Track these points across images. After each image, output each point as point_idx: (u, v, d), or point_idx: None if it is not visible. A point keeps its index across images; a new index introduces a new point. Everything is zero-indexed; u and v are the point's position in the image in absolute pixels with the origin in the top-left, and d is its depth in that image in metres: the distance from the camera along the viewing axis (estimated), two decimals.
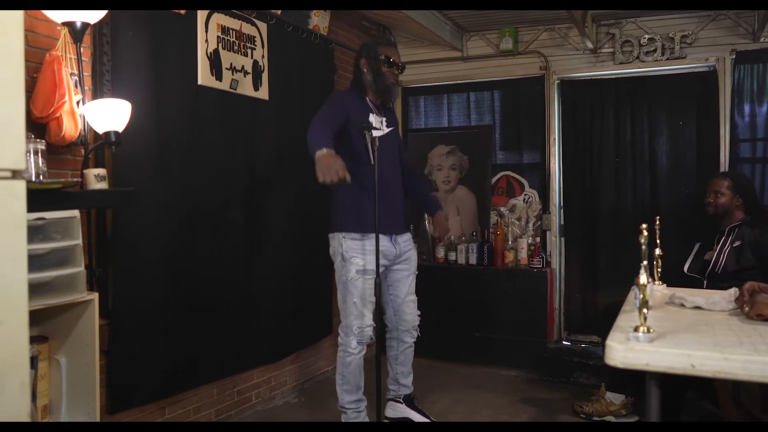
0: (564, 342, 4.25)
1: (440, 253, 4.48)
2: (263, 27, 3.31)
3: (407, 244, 3.01)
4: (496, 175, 4.57)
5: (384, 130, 2.92)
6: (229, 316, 3.10)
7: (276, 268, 3.40)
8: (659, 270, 2.31)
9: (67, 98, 2.17)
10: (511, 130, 4.57)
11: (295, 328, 3.57)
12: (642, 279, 1.43)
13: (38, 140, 2.03)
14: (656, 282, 2.29)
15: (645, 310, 1.43)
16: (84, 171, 2.26)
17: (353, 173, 2.77)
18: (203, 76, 2.94)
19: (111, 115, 2.25)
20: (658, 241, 2.28)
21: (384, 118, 2.96)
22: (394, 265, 2.95)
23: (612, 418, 3.18)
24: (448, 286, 4.35)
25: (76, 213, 2.02)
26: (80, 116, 2.28)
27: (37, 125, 2.18)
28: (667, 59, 4.01)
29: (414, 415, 3.05)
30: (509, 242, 4.35)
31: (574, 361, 3.87)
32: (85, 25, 2.21)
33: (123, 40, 2.55)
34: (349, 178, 2.43)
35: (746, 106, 3.89)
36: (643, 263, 1.47)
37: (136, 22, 2.60)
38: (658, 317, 1.74)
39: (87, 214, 2.43)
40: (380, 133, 2.84)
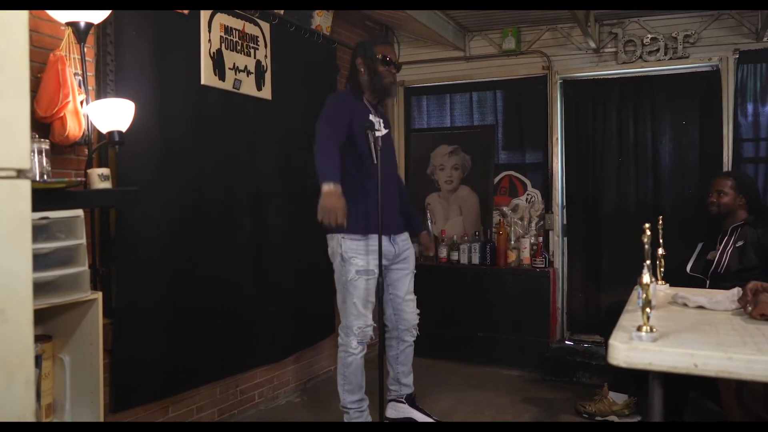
0: (567, 342, 4.24)
1: (443, 252, 4.48)
2: (266, 27, 3.32)
3: (405, 243, 3.01)
4: (498, 175, 4.56)
5: (382, 131, 2.92)
6: (231, 316, 3.10)
7: (278, 268, 3.41)
8: (662, 270, 2.31)
9: (70, 98, 2.18)
10: (513, 130, 4.57)
11: (298, 327, 3.58)
12: (645, 278, 1.43)
13: (42, 140, 2.04)
14: (659, 282, 2.29)
15: (648, 310, 1.43)
16: (88, 170, 2.26)
17: (355, 173, 2.79)
18: (206, 76, 2.95)
19: (114, 114, 2.26)
20: (660, 241, 2.28)
21: (380, 119, 2.96)
22: (393, 264, 2.96)
23: (615, 417, 3.18)
24: (450, 285, 4.36)
25: (79, 212, 2.03)
26: (84, 116, 2.29)
27: (41, 125, 2.19)
28: (670, 59, 4.00)
29: (417, 414, 3.05)
30: (512, 242, 4.35)
31: (577, 360, 3.87)
32: (89, 25, 2.21)
33: (126, 40, 2.56)
34: (345, 224, 2.53)
35: (749, 106, 3.88)
36: (646, 263, 1.47)
37: (140, 23, 2.61)
38: (661, 317, 1.73)
39: (91, 213, 2.44)
40: (380, 133, 2.84)
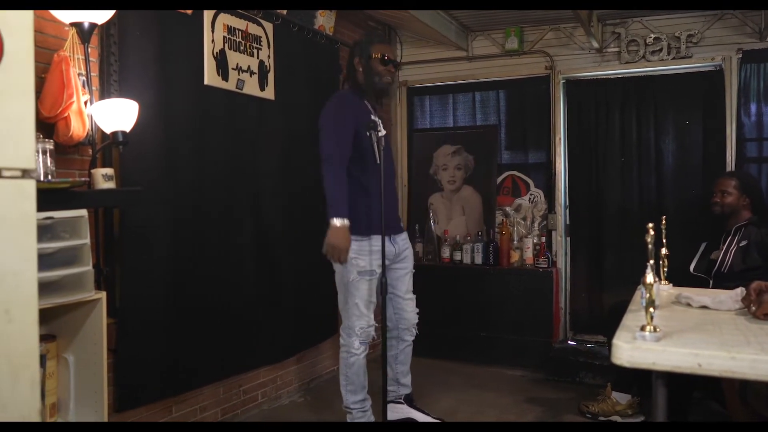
0: (570, 342, 4.23)
1: (446, 252, 4.48)
2: (269, 27, 3.32)
3: (405, 243, 3.03)
4: (501, 175, 4.56)
5: (382, 131, 2.92)
6: (234, 316, 3.10)
7: (280, 268, 3.41)
8: (665, 270, 2.31)
9: (75, 98, 2.18)
10: (516, 130, 4.56)
11: (300, 327, 3.58)
12: (648, 278, 1.43)
13: (46, 140, 2.04)
14: (662, 282, 2.28)
15: (652, 310, 1.43)
16: (92, 171, 2.27)
17: (357, 174, 2.78)
18: (209, 76, 2.95)
19: (118, 115, 2.27)
20: (664, 241, 2.28)
21: (379, 120, 2.96)
22: (394, 264, 2.96)
23: (618, 417, 3.17)
24: (453, 285, 4.36)
25: (84, 212, 2.03)
26: (88, 116, 2.29)
27: (45, 125, 2.19)
28: (673, 59, 4.00)
29: (417, 414, 3.05)
30: (515, 242, 4.35)
31: (580, 360, 3.87)
32: (93, 26, 2.22)
33: (130, 40, 2.57)
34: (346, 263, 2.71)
35: (753, 106, 3.87)
36: (649, 263, 1.47)
37: (143, 23, 2.62)
38: (664, 317, 1.73)
39: (95, 213, 2.45)
40: (381, 133, 2.84)
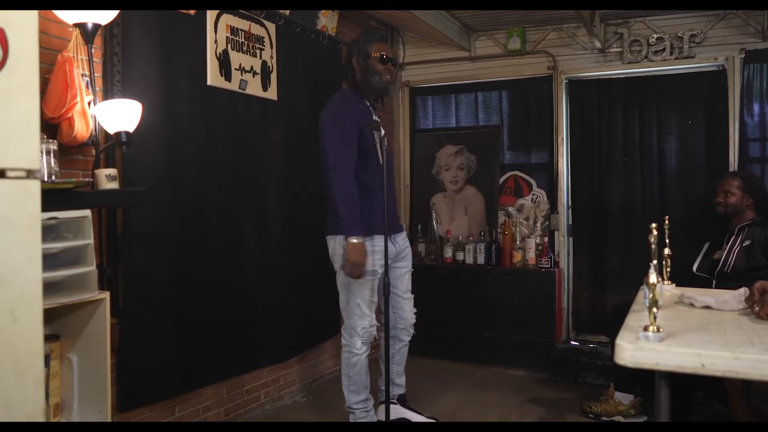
0: (572, 342, 4.23)
1: (448, 253, 4.48)
2: (272, 28, 3.33)
3: (404, 242, 3.03)
4: (504, 175, 4.56)
5: (382, 131, 2.92)
6: (237, 316, 3.11)
7: (284, 267, 3.42)
8: (668, 270, 2.31)
9: (78, 99, 2.19)
10: (519, 130, 4.56)
11: (302, 328, 3.58)
12: (652, 278, 1.43)
13: (50, 140, 2.05)
14: (665, 282, 2.28)
15: (655, 310, 1.42)
16: (95, 171, 2.27)
17: (359, 174, 2.78)
18: (212, 77, 2.95)
19: (122, 115, 2.27)
20: (667, 241, 2.28)
21: (378, 120, 2.96)
22: (394, 263, 2.96)
23: (621, 418, 3.17)
24: (455, 286, 4.35)
25: (87, 212, 2.04)
26: (91, 117, 2.30)
27: (49, 125, 2.20)
28: (676, 59, 3.99)
29: (411, 414, 3.04)
30: (517, 242, 4.34)
31: (583, 361, 3.86)
32: (96, 27, 2.22)
33: (133, 41, 2.57)
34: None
35: (755, 106, 3.87)
36: (652, 263, 1.47)
37: (146, 24, 2.62)
38: (667, 317, 1.73)
39: (98, 213, 2.45)
40: (382, 133, 2.84)
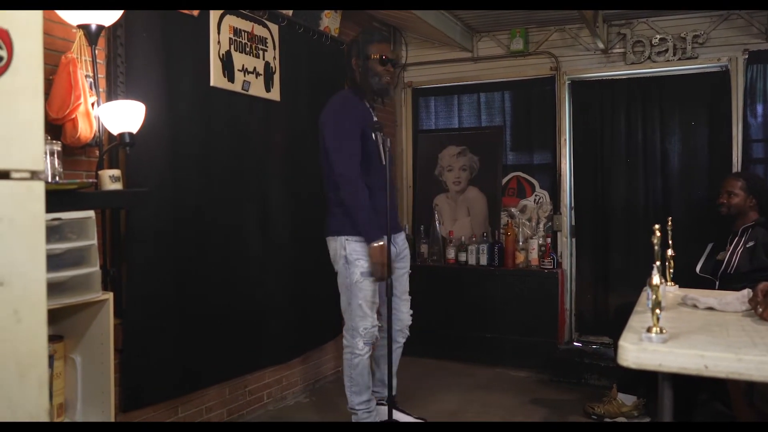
0: (575, 343, 4.23)
1: (451, 253, 4.48)
2: (275, 29, 3.33)
3: (404, 243, 3.04)
4: (506, 176, 4.56)
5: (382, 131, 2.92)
6: (240, 317, 3.11)
7: (287, 268, 3.42)
8: (671, 271, 2.30)
9: (82, 100, 2.19)
10: (521, 131, 4.56)
11: (304, 328, 3.58)
12: (655, 280, 1.43)
13: (54, 141, 2.05)
14: (668, 283, 2.28)
15: (658, 311, 1.42)
16: (99, 172, 2.28)
17: (362, 174, 2.78)
18: (215, 78, 2.96)
19: (125, 116, 2.28)
20: (670, 242, 2.27)
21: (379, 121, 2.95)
22: (394, 263, 2.96)
23: (623, 419, 3.17)
24: (458, 286, 4.35)
25: (91, 213, 2.04)
26: (95, 118, 2.30)
27: (53, 126, 2.20)
28: (679, 59, 3.99)
29: (399, 415, 3.01)
30: (520, 243, 4.34)
31: (585, 362, 3.86)
32: (100, 28, 2.23)
33: (137, 42, 2.58)
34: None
35: (759, 107, 3.86)
36: (655, 264, 1.47)
37: (150, 25, 2.63)
38: (670, 318, 1.73)
39: (102, 214, 2.46)
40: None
